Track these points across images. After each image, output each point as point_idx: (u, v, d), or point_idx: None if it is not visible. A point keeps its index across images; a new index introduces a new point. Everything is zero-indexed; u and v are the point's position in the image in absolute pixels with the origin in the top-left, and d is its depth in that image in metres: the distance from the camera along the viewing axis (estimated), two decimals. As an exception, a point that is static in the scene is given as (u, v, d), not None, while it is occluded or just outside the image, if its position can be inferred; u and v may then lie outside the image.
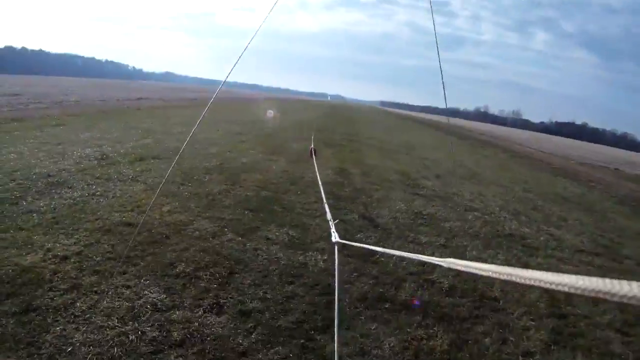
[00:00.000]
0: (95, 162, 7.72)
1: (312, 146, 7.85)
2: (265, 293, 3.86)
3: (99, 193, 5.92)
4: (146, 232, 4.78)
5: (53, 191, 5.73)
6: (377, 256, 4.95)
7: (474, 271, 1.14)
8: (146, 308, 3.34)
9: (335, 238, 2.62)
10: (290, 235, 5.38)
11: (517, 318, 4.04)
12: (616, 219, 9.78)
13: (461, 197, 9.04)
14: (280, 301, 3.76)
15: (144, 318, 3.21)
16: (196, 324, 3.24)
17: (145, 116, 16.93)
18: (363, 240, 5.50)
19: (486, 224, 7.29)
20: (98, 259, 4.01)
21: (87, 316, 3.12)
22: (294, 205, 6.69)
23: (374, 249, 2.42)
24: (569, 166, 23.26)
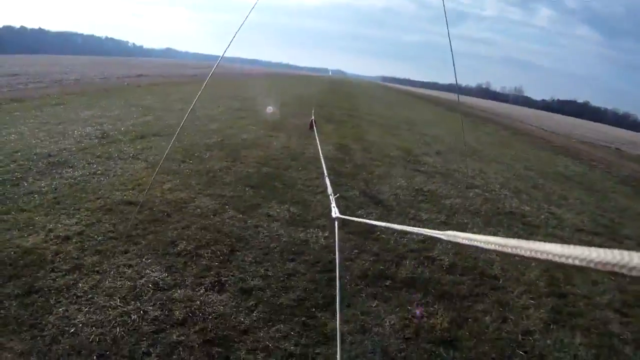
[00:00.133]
0: (96, 140, 7.69)
1: (313, 118, 7.85)
2: (267, 270, 3.88)
3: (100, 172, 5.91)
4: (147, 211, 4.78)
5: (54, 171, 5.72)
6: (378, 233, 4.97)
7: (475, 244, 1.10)
8: (148, 287, 3.36)
9: (335, 213, 2.60)
10: (291, 212, 5.38)
11: (517, 297, 4.07)
12: (617, 198, 9.74)
13: (463, 174, 9.02)
14: (282, 279, 3.78)
15: (145, 297, 3.23)
16: (198, 302, 3.26)
17: (146, 93, 16.78)
18: (364, 217, 5.50)
19: (487, 201, 7.29)
20: (99, 238, 4.02)
21: (89, 296, 3.14)
22: (295, 182, 6.69)
23: (372, 223, 2.41)
24: (571, 145, 23.13)
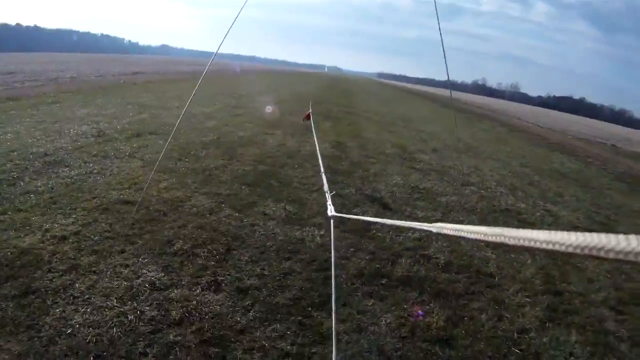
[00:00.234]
0: (92, 139, 7.66)
1: (310, 111, 7.88)
2: (263, 270, 3.89)
3: (96, 171, 5.90)
4: (144, 210, 4.78)
5: (50, 170, 5.71)
6: (374, 231, 4.97)
7: (463, 234, 1.06)
8: (145, 287, 3.36)
9: (331, 212, 2.61)
10: (288, 211, 5.39)
11: (513, 294, 4.09)
12: (613, 195, 9.79)
13: (458, 171, 9.04)
14: (278, 278, 3.79)
15: (142, 297, 3.24)
16: (194, 302, 3.27)
17: (142, 91, 16.71)
18: (360, 215, 5.51)
19: (482, 198, 7.31)
20: (96, 238, 4.02)
21: (86, 297, 3.14)
22: (291, 180, 6.70)
23: (366, 219, 2.43)
24: (567, 141, 23.17)
